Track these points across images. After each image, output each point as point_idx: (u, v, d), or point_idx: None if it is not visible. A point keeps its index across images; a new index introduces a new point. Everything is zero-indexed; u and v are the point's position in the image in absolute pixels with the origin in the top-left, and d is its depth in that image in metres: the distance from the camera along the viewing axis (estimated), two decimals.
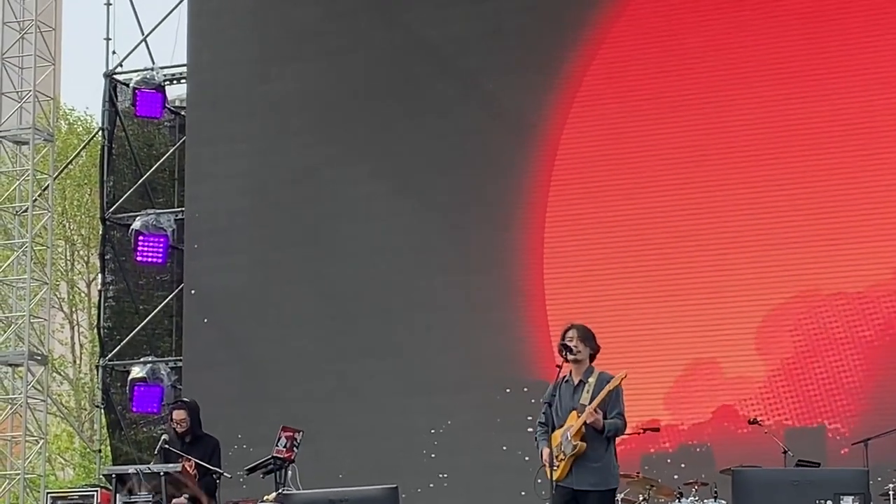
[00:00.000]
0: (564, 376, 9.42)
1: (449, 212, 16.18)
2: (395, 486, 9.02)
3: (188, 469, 11.50)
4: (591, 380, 9.33)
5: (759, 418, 13.08)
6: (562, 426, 9.24)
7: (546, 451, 9.21)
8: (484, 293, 15.81)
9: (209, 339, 16.95)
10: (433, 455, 15.57)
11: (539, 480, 9.36)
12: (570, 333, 9.44)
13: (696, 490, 12.62)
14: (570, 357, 9.38)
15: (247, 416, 15.99)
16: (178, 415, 12.11)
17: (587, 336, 9.45)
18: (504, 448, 15.00)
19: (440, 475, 15.42)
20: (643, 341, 14.96)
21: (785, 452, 12.78)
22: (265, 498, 11.68)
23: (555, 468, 9.13)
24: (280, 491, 11.56)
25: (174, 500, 11.44)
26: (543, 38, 16.03)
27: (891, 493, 12.10)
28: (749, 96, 15.16)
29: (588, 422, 9.12)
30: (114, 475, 11.82)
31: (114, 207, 18.48)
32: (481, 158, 16.10)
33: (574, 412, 9.24)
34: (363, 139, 16.61)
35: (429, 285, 16.07)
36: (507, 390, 15.22)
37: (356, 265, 16.40)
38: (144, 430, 18.19)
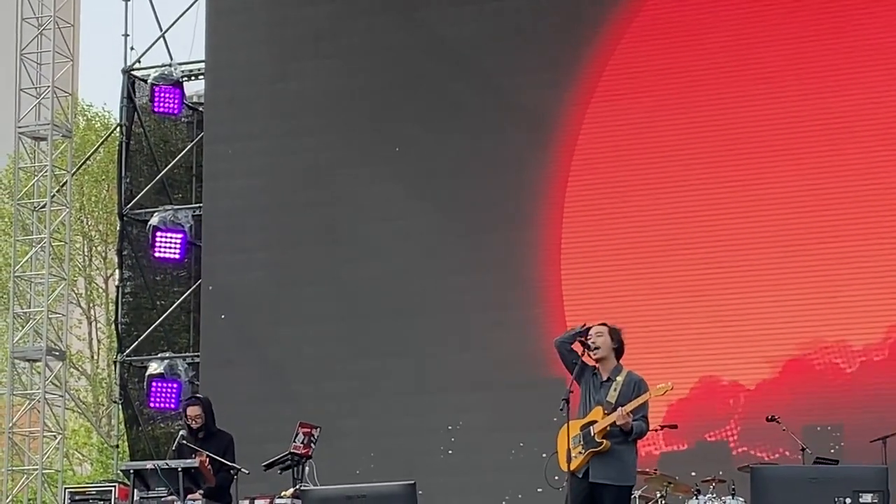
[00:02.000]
0: (594, 367, 9.41)
1: (466, 211, 16.18)
2: (412, 482, 9.02)
3: (204, 464, 11.52)
4: (620, 378, 9.33)
5: (776, 416, 13.04)
6: (584, 417, 9.23)
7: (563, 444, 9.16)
8: (500, 292, 15.81)
9: (226, 336, 16.98)
10: (450, 452, 15.58)
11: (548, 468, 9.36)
12: (594, 330, 9.45)
13: (714, 487, 12.60)
14: (589, 353, 9.38)
15: (264, 412, 16.01)
16: (193, 411, 12.15)
17: (612, 335, 9.43)
18: (521, 445, 15.00)
19: (457, 472, 15.42)
20: (661, 339, 14.94)
21: (803, 450, 12.76)
22: (282, 494, 11.70)
23: (572, 458, 9.14)
24: (297, 487, 11.58)
25: (189, 496, 11.48)
26: (560, 36, 16.02)
27: None
28: (770, 94, 15.12)
29: (618, 423, 9.12)
30: (131, 470, 11.85)
31: (131, 203, 18.51)
32: (498, 158, 16.09)
33: (599, 408, 9.23)
34: (379, 138, 16.62)
35: (445, 284, 16.07)
36: (524, 387, 15.22)
37: (373, 264, 16.41)
38: (162, 425, 18.22)
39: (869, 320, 14.51)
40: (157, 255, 17.94)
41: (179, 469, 11.42)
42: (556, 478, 9.46)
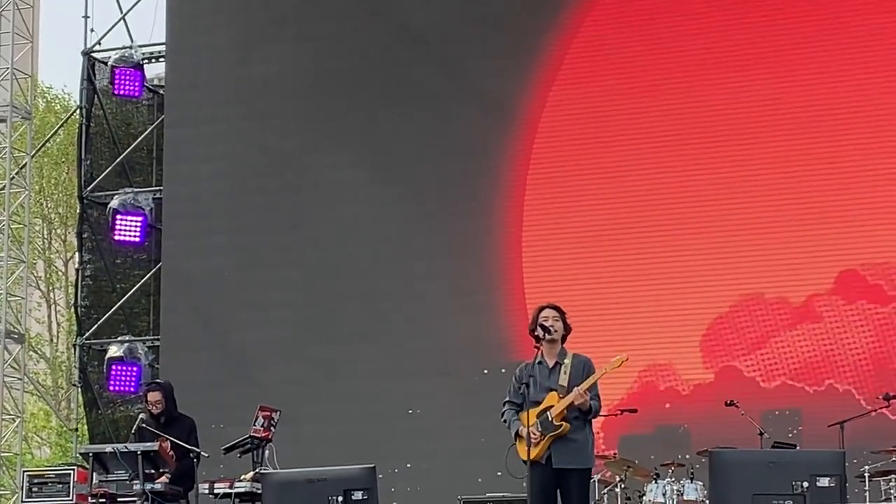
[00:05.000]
0: (537, 358, 9.42)
1: (428, 196, 16.18)
2: (372, 465, 9.02)
3: (165, 449, 11.49)
4: (567, 361, 9.34)
5: (735, 400, 13.12)
6: (537, 406, 9.24)
7: (524, 430, 9.22)
8: (462, 277, 15.82)
9: (187, 320, 16.93)
10: (411, 437, 15.59)
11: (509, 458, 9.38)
12: (547, 313, 9.43)
13: (673, 471, 12.68)
14: (547, 338, 9.38)
15: (225, 396, 15.97)
16: (153, 396, 12.09)
17: (562, 316, 9.45)
18: (482, 430, 15.01)
19: (418, 458, 15.43)
20: (621, 323, 15.00)
21: (761, 434, 12.83)
22: (242, 477, 11.68)
23: (534, 445, 9.15)
24: (257, 470, 11.56)
25: (157, 479, 11.44)
26: (523, 21, 16.03)
27: (866, 474, 12.18)
28: (730, 79, 15.19)
29: (576, 403, 9.14)
30: (91, 454, 11.81)
31: (91, 186, 18.41)
32: (461, 143, 16.10)
33: (553, 393, 9.25)
34: (343, 124, 16.59)
35: (408, 269, 16.07)
36: (485, 372, 15.24)
37: (335, 249, 16.39)
38: (122, 408, 18.16)
39: (829, 303, 14.59)
40: (117, 238, 17.87)
41: (139, 452, 11.38)
42: (517, 469, 9.47)
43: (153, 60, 18.68)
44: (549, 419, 9.18)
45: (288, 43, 16.99)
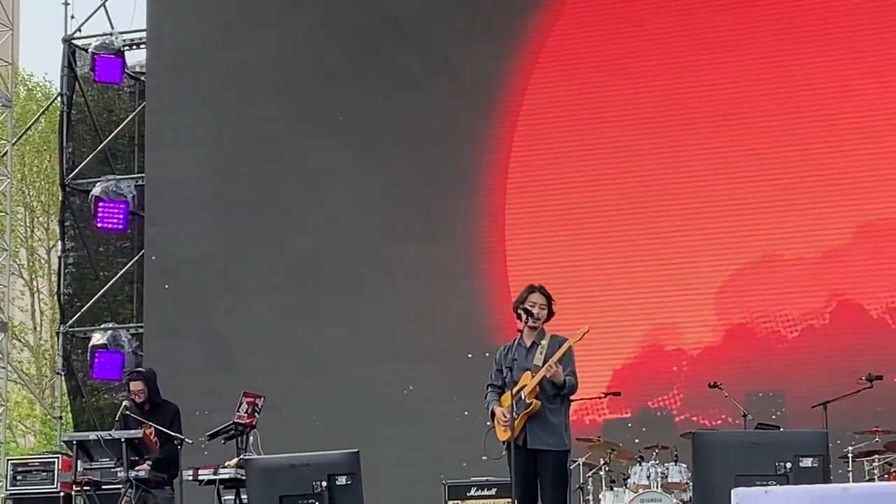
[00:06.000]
0: (517, 339, 9.44)
1: (412, 181, 16.17)
2: (356, 450, 9.01)
3: (149, 436, 11.48)
4: (544, 342, 9.35)
5: (718, 382, 13.15)
6: (514, 387, 9.26)
7: (500, 410, 9.24)
8: (446, 262, 15.82)
9: (170, 307, 16.91)
10: (396, 422, 15.59)
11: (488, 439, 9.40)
12: (535, 298, 9.43)
13: (657, 454, 12.70)
14: (530, 323, 9.39)
15: (208, 383, 15.97)
16: (136, 386, 12.09)
17: (549, 303, 9.46)
18: (465, 413, 15.03)
19: (402, 442, 15.44)
20: (604, 306, 15.02)
21: (745, 416, 12.86)
22: (227, 463, 11.68)
23: (505, 428, 9.17)
24: (241, 456, 11.55)
25: (138, 468, 11.44)
26: (504, 5, 16.01)
27: (850, 455, 12.22)
28: (714, 61, 15.19)
29: (548, 375, 9.15)
30: (75, 442, 11.80)
31: (73, 173, 18.37)
32: (444, 127, 16.09)
33: (528, 372, 9.27)
34: (326, 109, 16.56)
35: (392, 254, 16.07)
36: (469, 356, 15.25)
37: (319, 235, 16.37)
38: (106, 396, 18.15)
39: (810, 287, 14.64)
40: (99, 225, 17.83)
41: (123, 440, 11.37)
42: (496, 451, 9.49)
43: (134, 47, 18.63)
44: (522, 398, 9.21)
45: (270, 28, 16.95)
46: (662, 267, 15.08)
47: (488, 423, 9.53)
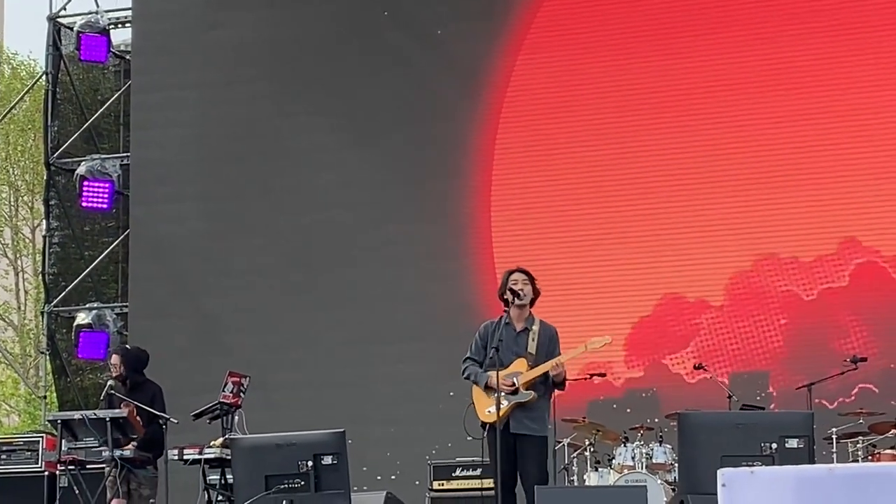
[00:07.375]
0: (503, 318, 9.42)
1: (399, 161, 16.14)
2: (342, 430, 9.01)
3: (132, 414, 11.48)
4: (535, 328, 9.36)
5: (703, 364, 13.18)
6: (503, 369, 9.24)
7: (493, 381, 9.20)
8: (433, 242, 15.80)
9: (156, 287, 16.87)
10: (382, 402, 15.59)
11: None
12: (516, 276, 9.43)
13: (642, 434, 12.73)
14: (516, 302, 9.38)
15: (195, 363, 15.94)
16: (114, 359, 12.18)
17: (532, 280, 9.46)
18: (451, 394, 15.02)
19: (388, 423, 15.44)
20: (590, 288, 15.02)
21: (730, 397, 12.89)
22: (212, 443, 11.67)
23: (488, 412, 9.16)
24: (227, 436, 11.55)
25: (124, 447, 11.43)
26: None
27: (833, 436, 12.26)
28: (701, 44, 15.17)
29: (552, 373, 9.17)
30: (59, 421, 11.78)
31: (58, 152, 18.29)
32: (432, 107, 16.07)
33: (522, 359, 9.26)
34: (313, 89, 16.52)
35: (378, 235, 16.04)
36: (456, 337, 15.23)
37: (305, 215, 16.34)
38: (90, 376, 18.12)
39: (798, 269, 14.65)
40: (84, 204, 17.76)
41: (108, 419, 11.36)
42: (476, 431, 9.50)
43: (119, 26, 18.55)
44: (516, 385, 9.20)
45: (257, 7, 16.90)
46: (647, 250, 15.08)
47: (472, 399, 9.51)
